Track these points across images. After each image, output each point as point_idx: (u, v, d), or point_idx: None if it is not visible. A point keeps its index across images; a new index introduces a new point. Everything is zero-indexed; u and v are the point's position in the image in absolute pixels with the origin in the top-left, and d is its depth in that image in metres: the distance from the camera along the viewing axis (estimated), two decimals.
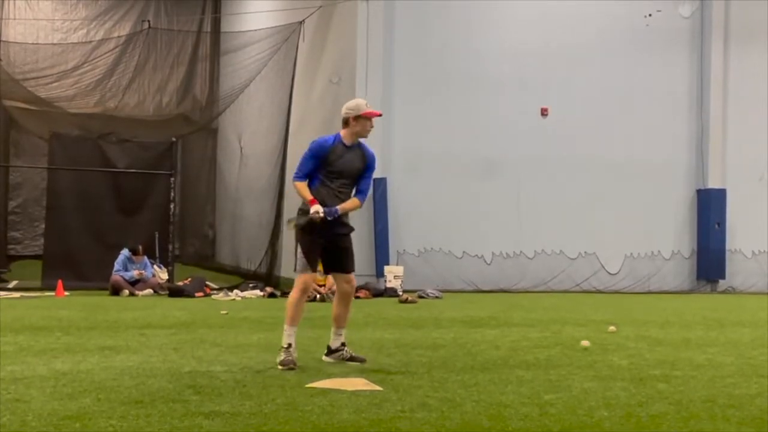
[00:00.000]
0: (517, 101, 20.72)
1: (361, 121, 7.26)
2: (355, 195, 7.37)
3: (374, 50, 19.74)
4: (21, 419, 4.85)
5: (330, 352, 7.44)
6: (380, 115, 7.60)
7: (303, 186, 7.25)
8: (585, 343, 10.27)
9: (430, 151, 20.14)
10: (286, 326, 7.13)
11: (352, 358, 7.35)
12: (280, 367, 6.89)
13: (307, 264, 7.20)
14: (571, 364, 7.51)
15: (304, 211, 7.24)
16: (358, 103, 7.40)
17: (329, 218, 7.12)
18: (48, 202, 19.57)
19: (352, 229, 7.44)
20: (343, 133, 7.30)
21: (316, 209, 7.08)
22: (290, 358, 6.96)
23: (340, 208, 7.19)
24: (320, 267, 7.50)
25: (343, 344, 7.42)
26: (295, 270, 7.32)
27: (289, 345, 7.04)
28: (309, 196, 7.17)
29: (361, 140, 7.41)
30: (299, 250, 7.26)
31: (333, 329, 7.46)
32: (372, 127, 7.36)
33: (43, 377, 6.29)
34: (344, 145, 7.27)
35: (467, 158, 20.36)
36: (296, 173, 7.27)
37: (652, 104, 21.62)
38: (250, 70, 21.22)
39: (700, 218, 21.81)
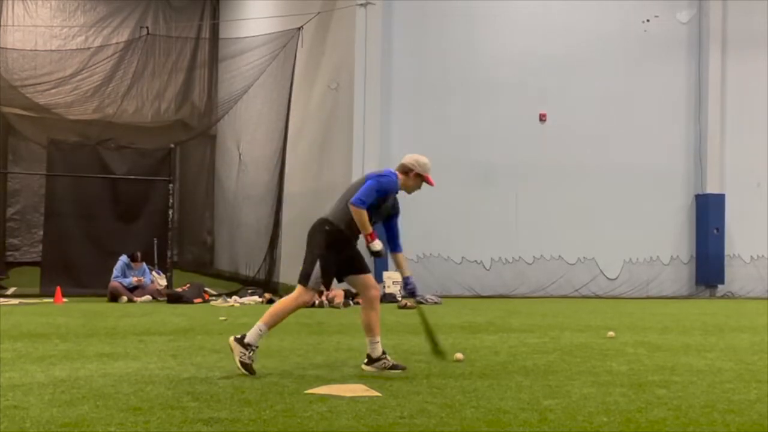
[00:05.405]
0: (515, 107, 20.73)
1: (418, 180, 7.48)
2: (395, 249, 7.61)
3: (372, 56, 19.75)
4: (19, 426, 4.84)
5: (371, 361, 7.33)
6: (432, 185, 7.65)
7: (365, 216, 7.10)
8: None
9: (429, 157, 20.07)
10: (264, 327, 7.00)
11: (393, 367, 7.23)
12: (242, 366, 6.85)
13: (320, 282, 7.09)
14: (570, 369, 7.50)
15: (334, 226, 7.12)
16: (427, 163, 7.54)
17: (411, 291, 7.54)
18: (46, 208, 19.55)
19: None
20: (400, 178, 7.38)
21: (380, 247, 7.16)
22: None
23: (404, 269, 7.57)
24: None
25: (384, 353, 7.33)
26: (303, 282, 7.10)
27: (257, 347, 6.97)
28: (370, 229, 7.12)
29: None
30: (318, 265, 7.04)
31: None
32: (418, 188, 7.54)
33: (41, 384, 6.27)
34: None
35: (466, 163, 20.35)
36: (363, 201, 7.06)
37: (650, 109, 21.64)
38: (249, 76, 21.21)
39: (699, 224, 21.82)
